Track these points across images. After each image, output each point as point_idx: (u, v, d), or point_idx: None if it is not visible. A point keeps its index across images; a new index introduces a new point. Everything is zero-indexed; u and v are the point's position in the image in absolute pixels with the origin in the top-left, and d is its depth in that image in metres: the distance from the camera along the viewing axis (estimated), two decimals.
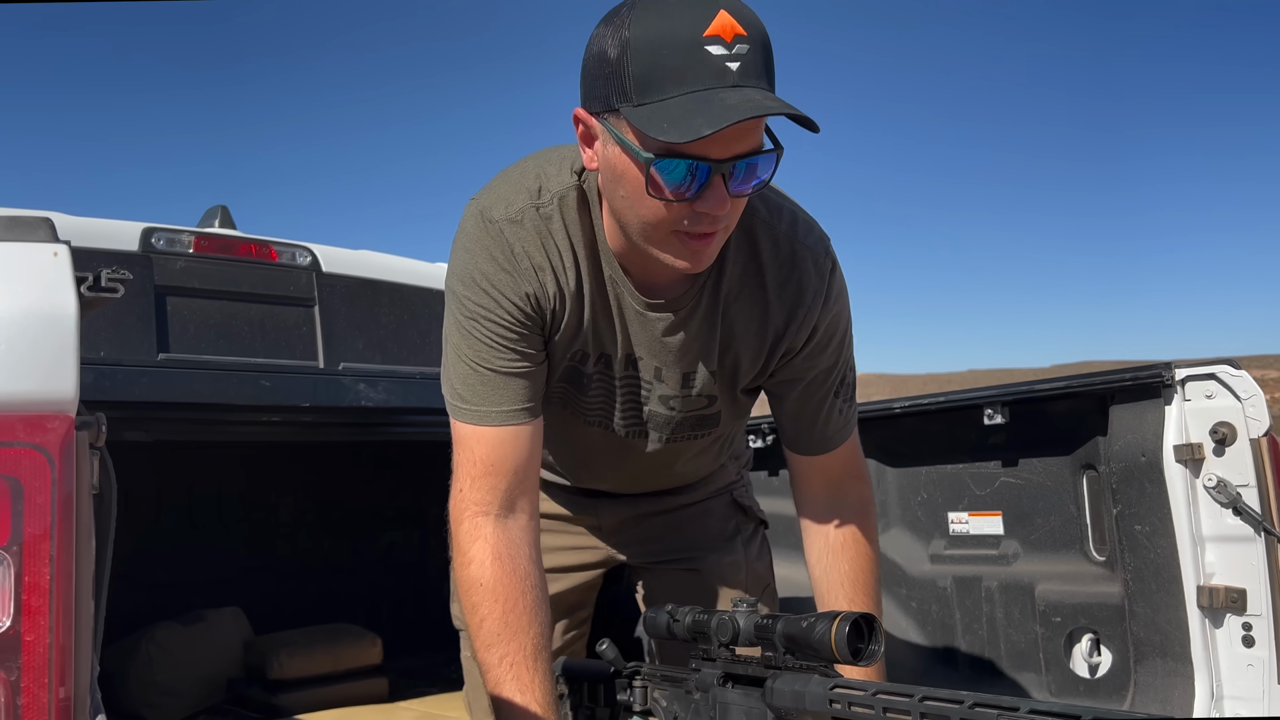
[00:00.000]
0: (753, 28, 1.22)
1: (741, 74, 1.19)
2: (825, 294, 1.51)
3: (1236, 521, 1.98)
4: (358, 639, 2.67)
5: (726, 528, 1.91)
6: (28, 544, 0.67)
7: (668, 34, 1.19)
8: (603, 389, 1.57)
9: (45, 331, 0.69)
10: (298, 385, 2.49)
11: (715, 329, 1.51)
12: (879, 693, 1.11)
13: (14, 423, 0.67)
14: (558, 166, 1.44)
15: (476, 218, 1.43)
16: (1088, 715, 0.93)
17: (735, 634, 1.32)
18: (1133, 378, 2.07)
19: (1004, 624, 2.36)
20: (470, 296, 1.42)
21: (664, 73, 1.19)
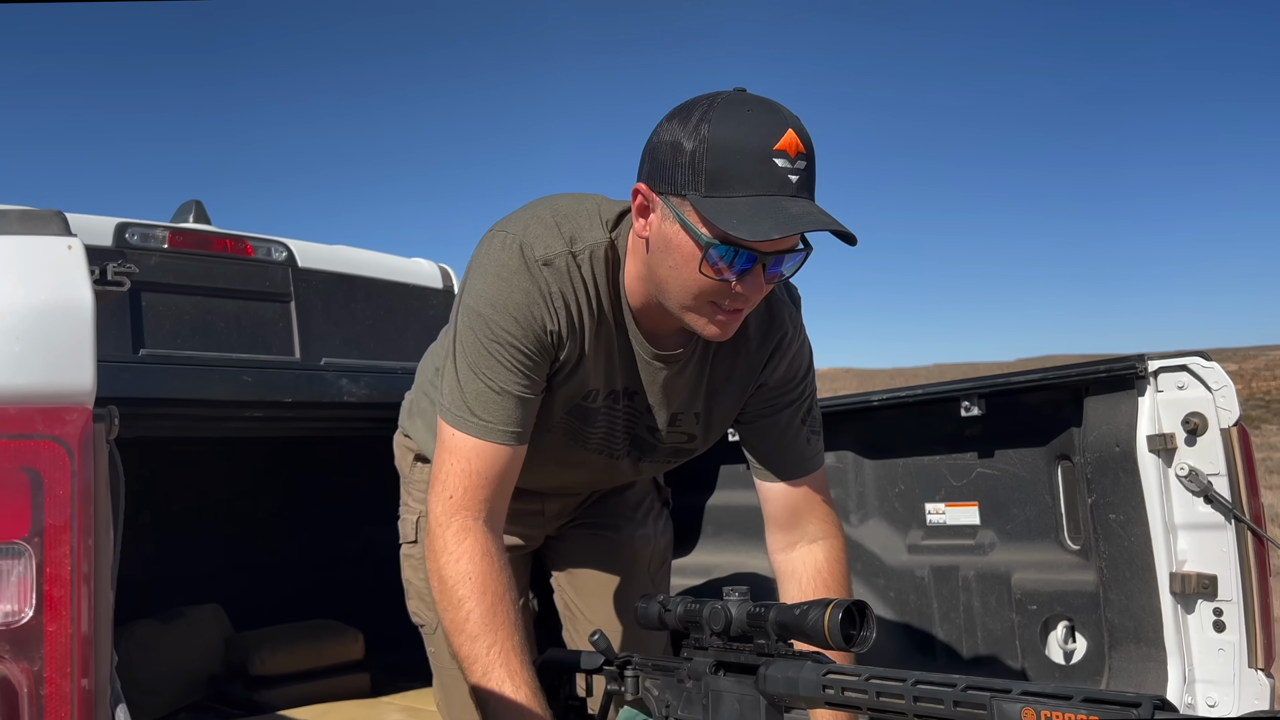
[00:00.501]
0: (809, 145, 1.42)
1: (799, 186, 1.39)
2: (794, 338, 1.74)
3: (1208, 509, 2.02)
4: (339, 634, 2.66)
5: (644, 501, 2.15)
6: (49, 535, 0.67)
7: (743, 141, 1.38)
8: (607, 420, 1.74)
9: (62, 325, 0.69)
10: (280, 380, 2.48)
11: (703, 377, 1.71)
12: (872, 677, 1.13)
13: (33, 415, 0.67)
14: (589, 220, 1.60)
15: (514, 251, 1.55)
16: (1078, 695, 0.96)
17: (728, 623, 1.34)
18: (1107, 369, 2.11)
19: (981, 612, 2.40)
20: (499, 321, 1.53)
21: (735, 174, 1.38)
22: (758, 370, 1.73)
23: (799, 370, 1.76)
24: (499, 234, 1.58)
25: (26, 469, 0.67)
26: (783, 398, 1.76)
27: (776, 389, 1.75)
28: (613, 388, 1.69)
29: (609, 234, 1.58)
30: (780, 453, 1.78)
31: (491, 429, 1.54)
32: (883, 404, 2.55)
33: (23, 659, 0.65)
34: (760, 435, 1.79)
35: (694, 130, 1.40)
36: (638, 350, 1.65)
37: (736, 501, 2.95)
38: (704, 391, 1.74)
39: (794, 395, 1.76)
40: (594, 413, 1.72)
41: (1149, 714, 0.90)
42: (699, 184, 1.40)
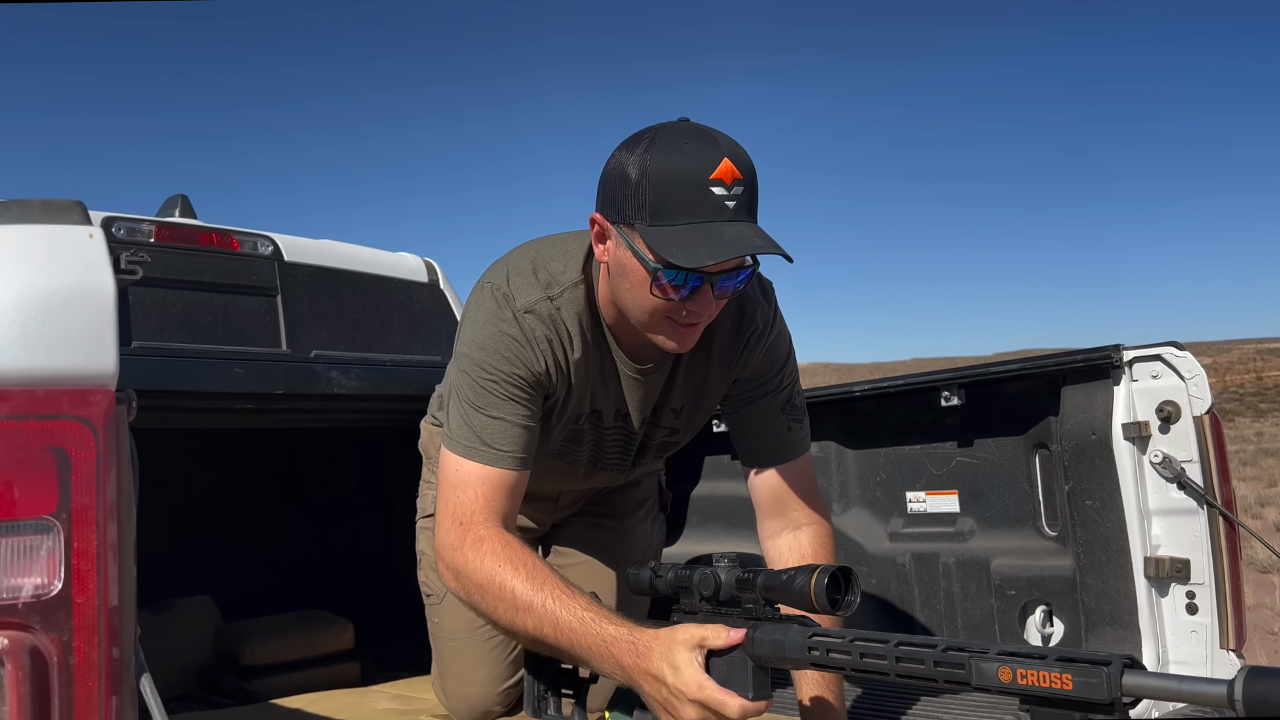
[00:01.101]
0: (747, 171, 1.50)
1: (736, 211, 1.48)
2: (767, 333, 1.82)
3: (1181, 495, 2.08)
4: (330, 624, 2.68)
5: (646, 501, 2.30)
6: (75, 511, 0.70)
7: (681, 172, 1.47)
8: (594, 438, 1.87)
9: (86, 310, 0.72)
10: (271, 372, 2.50)
11: (677, 377, 1.81)
12: (856, 639, 1.18)
13: (59, 397, 0.70)
14: (563, 263, 1.71)
15: (500, 302, 1.67)
16: (1053, 655, 1.00)
17: (717, 588, 1.40)
18: (1083, 359, 2.17)
19: (961, 598, 2.45)
20: (491, 362, 1.66)
21: (675, 204, 1.47)
22: (732, 364, 1.81)
23: (776, 361, 1.84)
24: (485, 287, 1.70)
25: (54, 448, 0.69)
26: (760, 388, 1.84)
27: (754, 380, 1.83)
28: (595, 407, 1.80)
29: (580, 271, 1.70)
30: (762, 441, 1.85)
31: (501, 455, 1.65)
32: (864, 394, 2.59)
33: (52, 629, 0.68)
34: (742, 425, 1.87)
35: (638, 162, 1.50)
36: (621, 369, 1.77)
37: (721, 492, 2.99)
38: (681, 388, 1.83)
39: (772, 385, 1.84)
40: (582, 434, 1.85)
41: (1118, 671, 0.95)
42: (643, 214, 1.50)
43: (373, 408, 2.73)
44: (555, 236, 1.78)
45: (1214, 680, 0.93)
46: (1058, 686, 1.00)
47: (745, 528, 2.82)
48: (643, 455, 1.97)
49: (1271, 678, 0.88)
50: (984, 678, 1.06)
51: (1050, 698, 1.01)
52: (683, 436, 1.96)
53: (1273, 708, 0.88)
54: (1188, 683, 0.96)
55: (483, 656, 2.12)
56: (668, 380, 1.83)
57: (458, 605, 2.11)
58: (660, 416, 1.88)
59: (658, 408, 1.86)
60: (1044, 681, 1.01)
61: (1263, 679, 0.88)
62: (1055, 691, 1.00)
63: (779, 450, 1.85)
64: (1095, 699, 0.97)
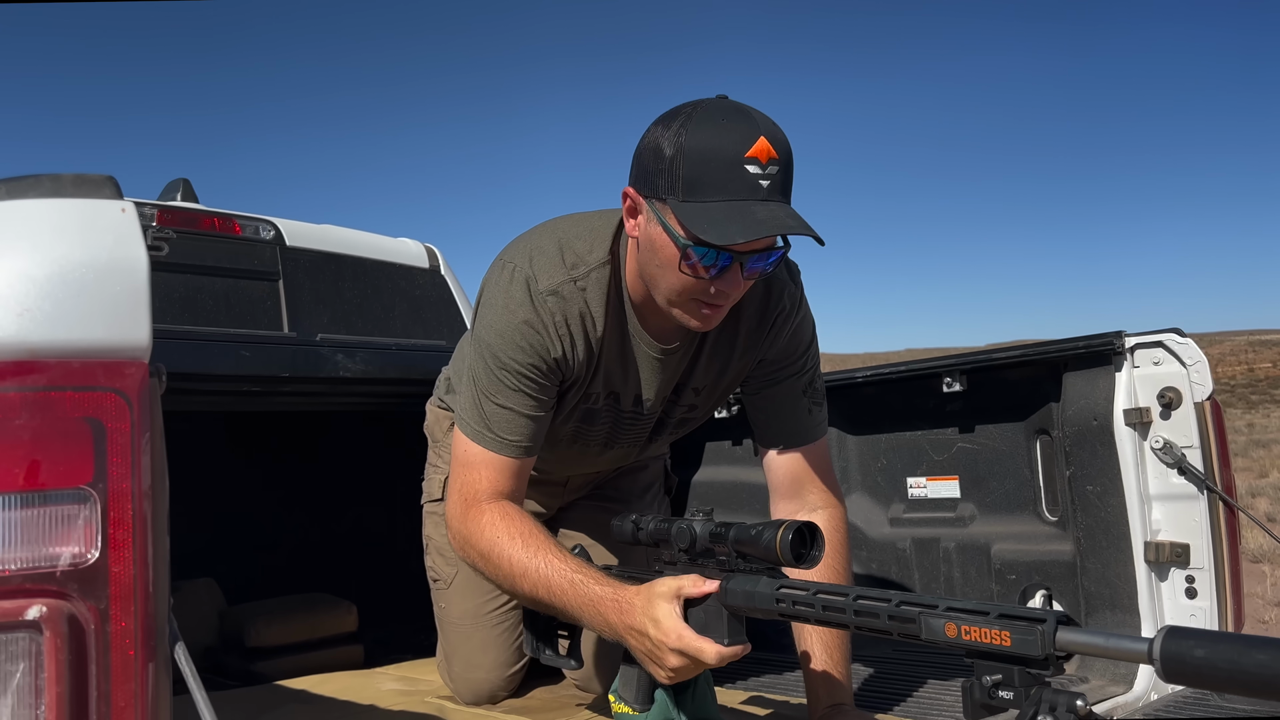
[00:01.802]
0: (783, 150, 1.48)
1: (770, 191, 1.47)
2: (794, 314, 1.80)
3: (1181, 481, 2.10)
4: (333, 607, 2.69)
5: (653, 486, 2.33)
6: (112, 481, 0.71)
7: (716, 149, 1.46)
8: (609, 419, 1.85)
9: (120, 283, 0.73)
10: (278, 355, 2.50)
11: (701, 357, 1.80)
12: (819, 592, 1.24)
13: (95, 368, 0.71)
14: (589, 242, 1.70)
15: (519, 284, 1.66)
16: (994, 611, 1.05)
17: (693, 540, 1.48)
18: (1085, 346, 2.18)
19: (961, 583, 2.47)
20: (507, 351, 1.66)
21: (709, 181, 1.46)
22: (758, 344, 1.81)
23: (800, 344, 1.83)
24: (507, 266, 1.69)
25: (89, 419, 0.70)
26: (784, 370, 1.83)
27: (777, 362, 1.83)
28: (612, 389, 1.80)
29: (608, 250, 1.69)
30: (782, 423, 1.85)
31: (507, 444, 1.68)
32: (866, 380, 2.60)
33: (89, 598, 0.69)
34: (763, 406, 1.86)
35: (674, 137, 1.49)
36: (644, 350, 1.75)
37: (721, 477, 3.00)
38: (704, 369, 1.83)
39: (795, 368, 1.83)
40: (596, 414, 1.84)
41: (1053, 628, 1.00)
42: (676, 189, 1.49)
43: (377, 391, 2.74)
44: (579, 215, 1.77)
45: (1137, 638, 0.98)
46: (997, 643, 1.06)
47: (745, 513, 2.84)
48: (659, 432, 1.96)
49: (1188, 638, 0.92)
50: (932, 632, 1.12)
51: (991, 653, 1.05)
52: (700, 414, 1.96)
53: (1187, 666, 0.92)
54: (1113, 639, 1.02)
55: (489, 641, 2.14)
56: (691, 360, 1.82)
57: (465, 590, 2.15)
58: (681, 395, 1.87)
59: (679, 387, 1.86)
60: (985, 638, 1.07)
61: (1180, 639, 0.92)
62: (995, 647, 1.06)
63: (799, 433, 1.85)
64: (1030, 654, 1.03)
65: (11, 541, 0.68)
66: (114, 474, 0.71)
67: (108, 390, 0.71)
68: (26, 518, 0.68)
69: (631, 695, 1.59)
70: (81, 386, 0.70)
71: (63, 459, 0.69)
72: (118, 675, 0.69)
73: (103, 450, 0.70)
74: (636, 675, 1.58)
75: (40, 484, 0.68)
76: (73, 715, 0.68)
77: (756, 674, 2.29)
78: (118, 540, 0.70)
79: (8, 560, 0.68)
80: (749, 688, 2.20)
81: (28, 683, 0.67)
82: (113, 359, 0.72)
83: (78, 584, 0.69)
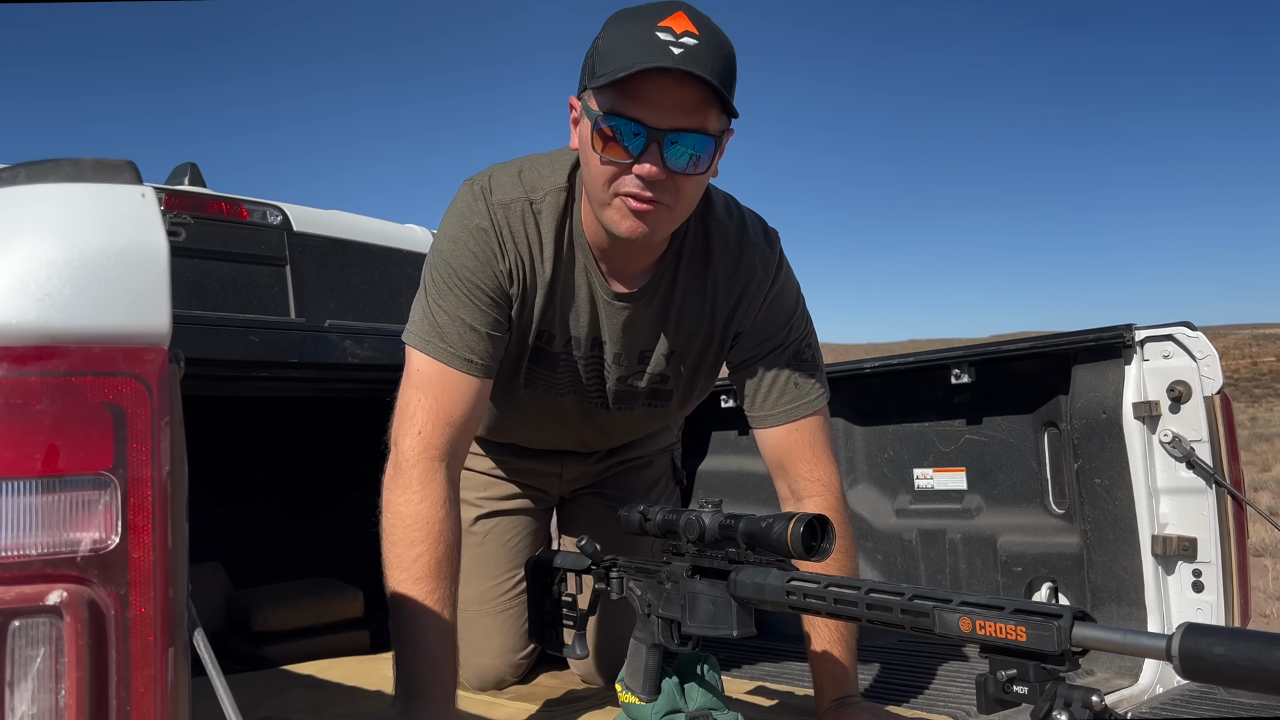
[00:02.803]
0: (707, 32, 1.41)
1: (683, 58, 1.37)
2: (770, 282, 1.72)
3: (1189, 475, 2.09)
4: (339, 592, 2.71)
5: (660, 480, 2.25)
6: (131, 467, 0.71)
7: (631, 26, 1.42)
8: (569, 366, 1.78)
9: (140, 268, 0.73)
10: (286, 341, 2.50)
11: (669, 316, 1.72)
12: (830, 585, 1.23)
13: (115, 354, 0.71)
14: (551, 168, 1.65)
15: (476, 195, 1.62)
16: (1009, 606, 1.05)
17: (702, 532, 1.45)
18: (1095, 339, 2.17)
19: (967, 574, 2.47)
20: (459, 257, 1.61)
21: (620, 52, 1.40)
22: (727, 310, 1.72)
23: (781, 313, 1.75)
24: (467, 183, 1.67)
25: (110, 405, 0.70)
26: (766, 343, 1.75)
27: (759, 334, 1.75)
28: (571, 334, 1.73)
29: (566, 178, 1.64)
30: (768, 397, 1.77)
31: (458, 357, 1.61)
32: (874, 371, 2.60)
33: (110, 583, 0.69)
34: (747, 381, 1.78)
35: (601, 31, 1.47)
36: (599, 293, 1.68)
37: (728, 467, 3.00)
38: (671, 329, 1.74)
39: (778, 339, 1.75)
40: (555, 358, 1.77)
41: (1069, 623, 1.00)
42: (595, 71, 1.45)
43: (385, 378, 2.74)
44: (551, 151, 1.71)
45: (1155, 635, 0.98)
46: (1013, 638, 1.05)
47: (752, 503, 2.84)
48: (631, 401, 1.87)
49: (1207, 635, 0.92)
50: (946, 626, 1.11)
51: (1006, 648, 1.04)
52: (674, 385, 1.85)
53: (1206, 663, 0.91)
54: (1131, 635, 1.01)
55: (496, 628, 2.12)
56: (657, 322, 1.73)
57: (470, 575, 2.08)
58: (648, 360, 1.79)
59: (645, 353, 1.77)
60: (1000, 632, 1.06)
61: (1199, 636, 0.92)
62: (1010, 642, 1.05)
63: (789, 406, 1.76)
64: (1046, 650, 1.02)
65: (32, 526, 0.68)
66: (134, 460, 0.70)
67: (128, 376, 0.71)
68: (47, 503, 0.68)
69: (639, 685, 1.59)
70: (102, 372, 0.70)
71: (83, 444, 0.69)
72: (137, 661, 0.69)
73: (123, 436, 0.70)
74: (644, 664, 1.59)
75: (60, 469, 0.68)
76: (92, 700, 0.68)
77: (763, 663, 2.29)
78: (137, 526, 0.70)
79: (28, 545, 0.68)
80: (755, 677, 2.21)
81: (48, 667, 0.67)
82: (133, 345, 0.71)
83: (98, 569, 0.69)
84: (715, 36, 1.42)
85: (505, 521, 2.13)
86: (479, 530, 2.11)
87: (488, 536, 2.12)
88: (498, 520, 2.13)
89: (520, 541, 2.14)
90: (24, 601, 0.67)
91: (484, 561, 2.10)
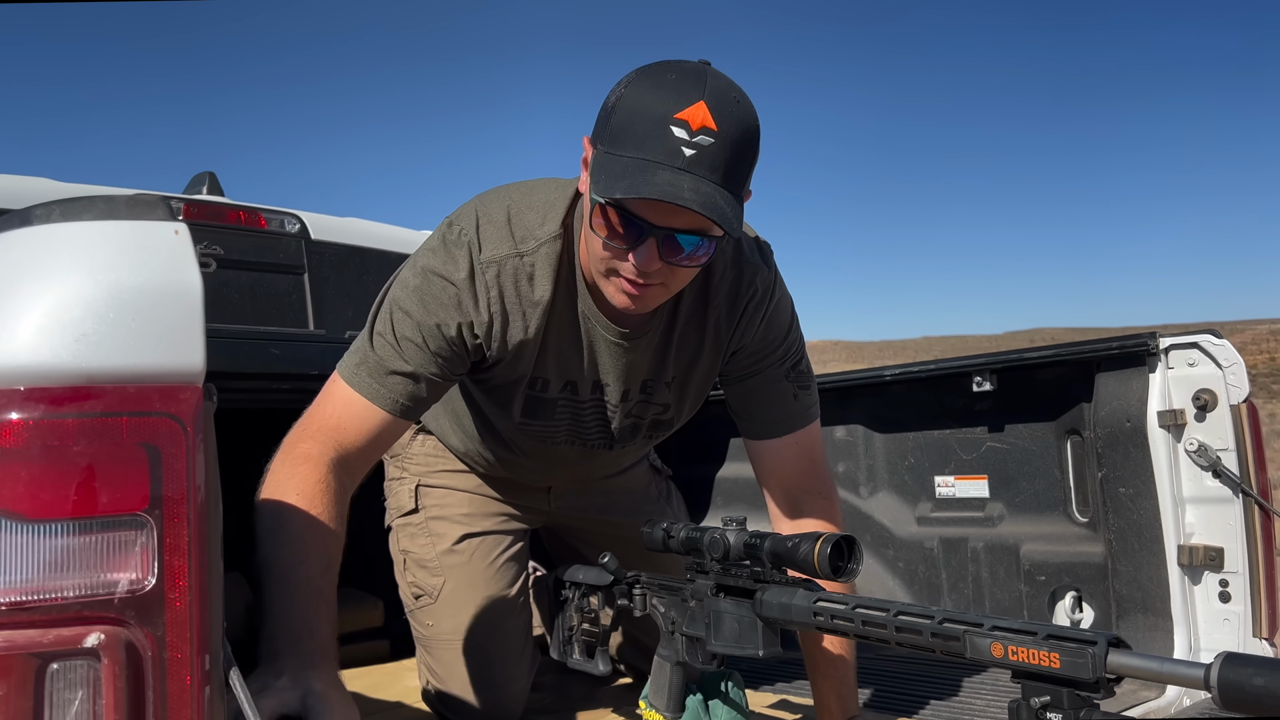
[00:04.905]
0: (728, 126, 1.31)
1: (693, 162, 1.30)
2: (768, 300, 1.67)
3: (1216, 484, 2.08)
4: (360, 602, 2.69)
5: (651, 490, 2.23)
6: (167, 507, 0.70)
7: (650, 104, 1.32)
8: (569, 411, 1.72)
9: (174, 306, 0.72)
10: (305, 353, 2.51)
11: (671, 345, 1.67)
12: (858, 606, 1.22)
13: (150, 394, 0.71)
14: (542, 214, 1.56)
15: (462, 248, 1.53)
16: (1042, 632, 1.04)
17: (726, 550, 1.44)
18: (1119, 346, 2.16)
19: (989, 583, 2.46)
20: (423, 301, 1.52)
21: (631, 133, 1.32)
22: (729, 332, 1.69)
23: (779, 329, 1.71)
24: (454, 226, 1.55)
25: (146, 445, 0.70)
26: (764, 359, 1.72)
27: (755, 352, 1.71)
28: (568, 378, 1.67)
29: (560, 224, 1.55)
30: (766, 410, 1.73)
31: (379, 393, 1.52)
32: (894, 379, 2.59)
33: (146, 625, 0.69)
34: (744, 397, 1.75)
35: (623, 86, 1.36)
36: (601, 333, 1.62)
37: (746, 473, 2.99)
38: (673, 360, 1.70)
39: (775, 356, 1.72)
40: (551, 405, 1.71)
41: (1104, 650, 0.99)
42: (605, 139, 1.36)
43: None
44: (533, 183, 1.62)
45: (1193, 664, 0.96)
46: (1046, 664, 1.03)
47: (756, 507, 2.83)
48: (632, 436, 1.82)
49: (1246, 665, 0.90)
50: (978, 651, 1.10)
51: (1039, 674, 1.04)
52: (674, 414, 1.81)
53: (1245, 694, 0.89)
54: (1168, 664, 0.99)
55: (496, 655, 1.97)
56: (659, 352, 1.68)
57: (457, 601, 1.98)
58: (652, 392, 1.73)
59: (648, 382, 1.72)
60: (1033, 659, 1.05)
61: (1238, 666, 0.90)
62: (1044, 669, 1.03)
63: (785, 420, 1.73)
64: (1081, 677, 1.01)
65: (70, 568, 0.68)
66: (170, 499, 0.70)
67: (163, 415, 0.70)
68: (84, 544, 0.68)
69: (663, 702, 1.59)
70: (137, 412, 0.70)
71: (120, 485, 0.69)
72: (174, 703, 0.69)
73: (158, 476, 0.70)
74: (668, 681, 1.58)
75: (98, 510, 0.68)
76: None
77: (786, 676, 2.28)
78: (174, 567, 0.70)
79: (66, 587, 0.68)
80: (778, 690, 2.20)
81: (86, 710, 0.67)
82: (168, 384, 0.71)
83: (135, 611, 0.69)
84: (735, 127, 1.33)
85: (490, 540, 2.03)
86: (464, 549, 2.00)
87: (473, 556, 2.00)
88: (482, 540, 2.02)
89: (506, 561, 2.03)
90: (62, 644, 0.67)
91: (473, 584, 1.99)
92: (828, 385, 2.67)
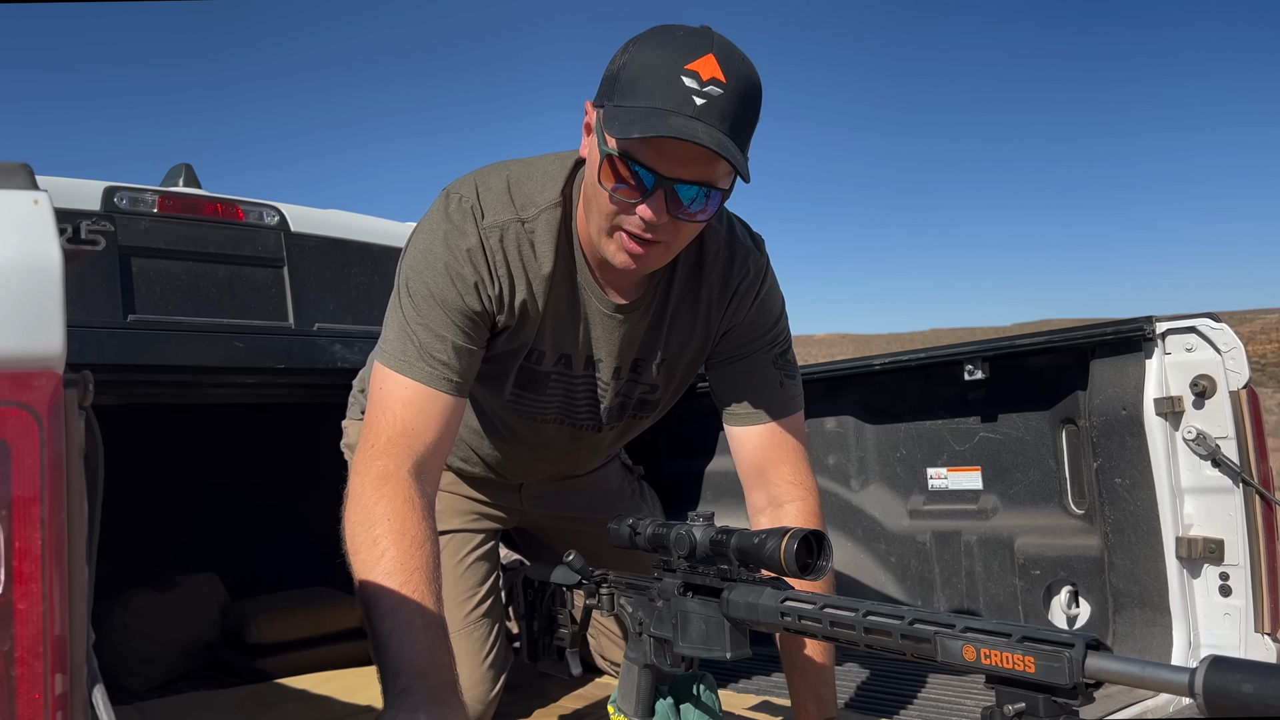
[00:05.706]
0: (736, 79, 1.36)
1: (704, 110, 1.34)
2: (759, 282, 1.70)
3: (1215, 473, 2.00)
4: (337, 602, 2.64)
5: (625, 488, 2.23)
6: (17, 507, 0.63)
7: (660, 58, 1.36)
8: (561, 386, 1.72)
9: (29, 284, 0.65)
10: (272, 346, 2.44)
11: (664, 325, 1.68)
12: (826, 606, 1.15)
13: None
14: (541, 183, 1.57)
15: (464, 214, 1.53)
16: (1016, 634, 0.96)
17: (692, 547, 1.39)
18: (1114, 332, 2.08)
19: (983, 577, 2.38)
20: (443, 276, 1.52)
21: (642, 86, 1.36)
22: (720, 313, 1.69)
23: (770, 314, 1.72)
24: (452, 196, 1.56)
25: None
26: (754, 342, 1.72)
27: (746, 334, 1.71)
28: (563, 351, 1.67)
29: (560, 192, 1.57)
30: (753, 395, 1.72)
31: (436, 376, 1.51)
32: (884, 368, 2.52)
33: None
34: (731, 380, 1.73)
35: (630, 46, 1.41)
36: (596, 306, 1.62)
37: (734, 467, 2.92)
38: (664, 339, 1.70)
39: (766, 340, 1.72)
40: (544, 378, 1.70)
41: (1081, 654, 0.92)
42: (613, 94, 1.40)
43: None
44: (532, 158, 1.63)
45: (1177, 668, 0.89)
46: (1020, 669, 0.97)
47: None
48: (619, 415, 1.81)
49: (1235, 670, 0.82)
50: (949, 654, 1.04)
51: (1013, 679, 0.97)
52: (660, 395, 1.80)
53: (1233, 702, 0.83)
54: (1150, 669, 0.92)
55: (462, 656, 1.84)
56: (652, 328, 1.69)
57: None
58: (641, 373, 1.74)
59: (640, 361, 1.72)
60: (1007, 663, 0.99)
61: (1225, 671, 0.83)
62: (1018, 673, 0.97)
63: (771, 406, 1.71)
64: (1057, 682, 0.94)
65: None
66: (19, 499, 0.63)
67: (13, 405, 0.63)
68: None
69: (631, 706, 1.52)
70: None
71: None
72: None
73: (6, 473, 0.63)
74: (636, 684, 1.51)
75: None
76: None
77: (764, 675, 2.21)
78: (24, 573, 0.62)
79: None
80: (756, 691, 2.13)
81: None
82: (18, 370, 0.64)
83: None
84: (742, 82, 1.37)
85: (459, 539, 1.99)
86: None
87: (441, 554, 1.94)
88: (450, 538, 1.97)
89: (475, 560, 2.00)
90: None
91: None
92: (817, 375, 2.60)
